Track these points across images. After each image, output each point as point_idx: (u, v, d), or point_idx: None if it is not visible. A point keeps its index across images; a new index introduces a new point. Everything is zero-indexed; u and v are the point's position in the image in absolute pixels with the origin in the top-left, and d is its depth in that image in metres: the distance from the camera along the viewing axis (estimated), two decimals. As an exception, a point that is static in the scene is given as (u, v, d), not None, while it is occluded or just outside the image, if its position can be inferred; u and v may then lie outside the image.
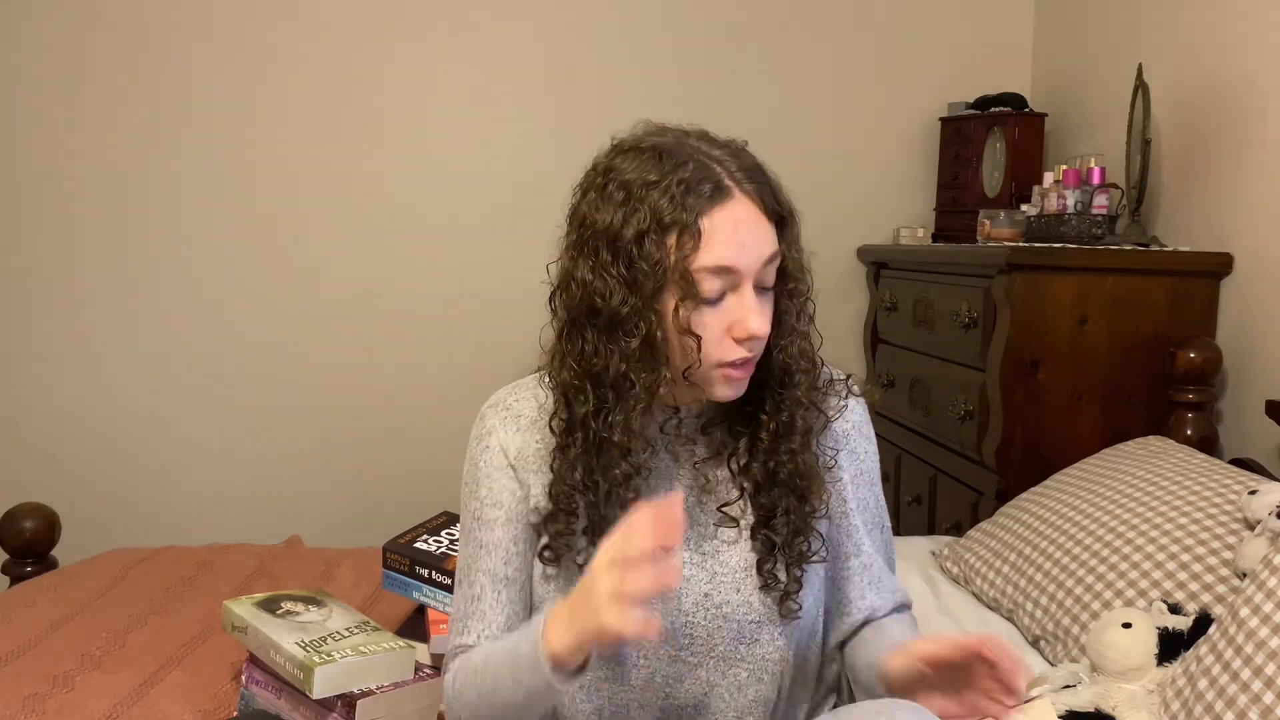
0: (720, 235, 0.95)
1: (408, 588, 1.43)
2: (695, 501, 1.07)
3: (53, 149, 2.71)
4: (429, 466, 2.90)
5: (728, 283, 0.96)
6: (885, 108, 2.94)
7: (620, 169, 0.99)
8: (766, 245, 0.98)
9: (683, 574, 1.03)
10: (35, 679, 1.41)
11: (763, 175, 1.00)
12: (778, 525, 1.04)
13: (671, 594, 1.03)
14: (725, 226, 0.95)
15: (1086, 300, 2.03)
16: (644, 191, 0.96)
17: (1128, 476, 1.69)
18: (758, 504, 1.05)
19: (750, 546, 1.05)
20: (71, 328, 2.76)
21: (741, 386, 1.01)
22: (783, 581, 1.04)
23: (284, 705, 1.25)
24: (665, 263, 0.95)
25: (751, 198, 0.97)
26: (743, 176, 0.97)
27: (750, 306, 0.97)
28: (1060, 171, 2.26)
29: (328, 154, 2.80)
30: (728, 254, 0.95)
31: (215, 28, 2.73)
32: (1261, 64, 1.98)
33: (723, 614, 1.04)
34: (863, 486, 1.13)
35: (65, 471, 2.75)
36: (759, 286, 0.99)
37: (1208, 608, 1.37)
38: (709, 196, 0.95)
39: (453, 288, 2.86)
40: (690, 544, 1.05)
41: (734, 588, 1.04)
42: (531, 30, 2.84)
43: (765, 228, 0.98)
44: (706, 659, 1.04)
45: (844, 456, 1.11)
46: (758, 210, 0.97)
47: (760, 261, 0.97)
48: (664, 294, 0.97)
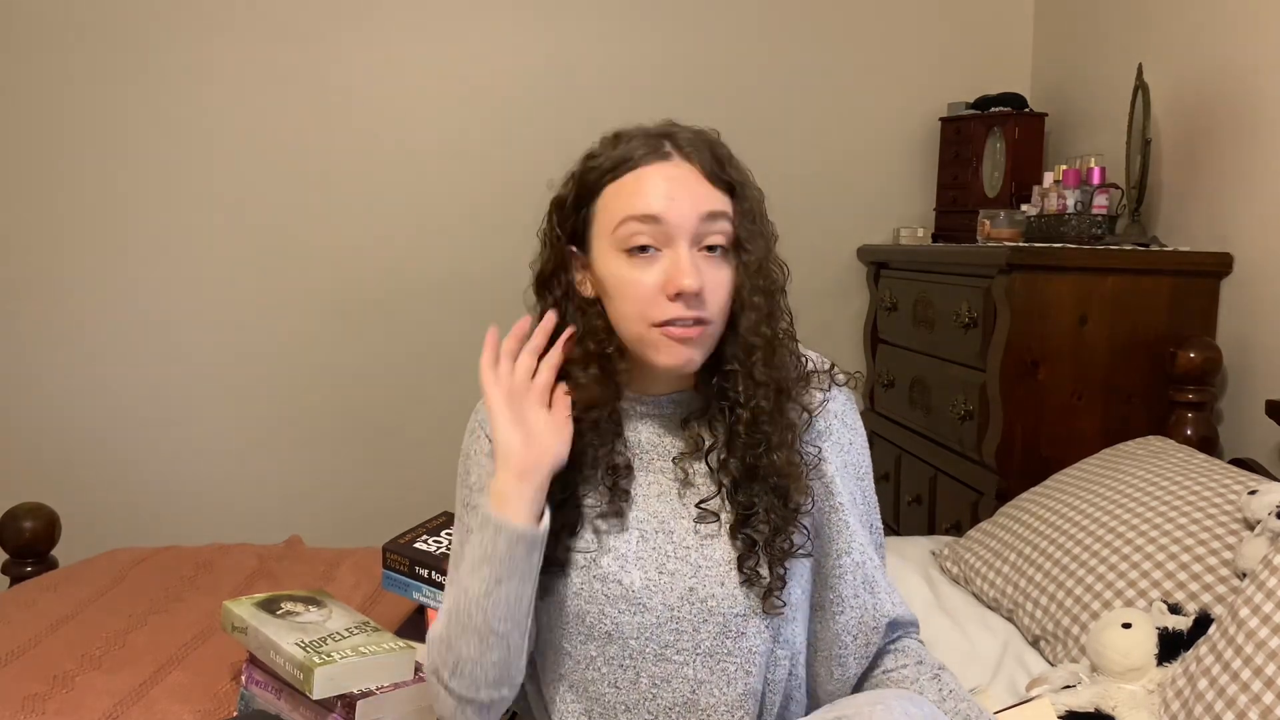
0: (649, 186, 0.99)
1: (407, 588, 1.43)
2: (677, 497, 1.07)
3: (51, 149, 2.72)
4: (429, 467, 2.90)
5: (658, 235, 0.98)
6: (885, 108, 2.94)
7: (585, 155, 1.06)
8: (702, 202, 0.99)
9: (668, 569, 1.04)
10: (35, 679, 1.41)
11: (710, 146, 1.02)
12: (757, 522, 1.03)
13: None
14: (655, 180, 0.99)
15: (1086, 300, 2.03)
16: (584, 163, 1.05)
17: (1128, 476, 1.69)
18: (736, 501, 1.04)
19: (731, 543, 1.04)
20: (72, 328, 2.76)
21: (686, 354, 1.00)
22: (765, 578, 1.03)
23: (284, 706, 1.25)
24: (590, 222, 1.02)
25: (691, 160, 1.00)
26: (685, 144, 1.01)
27: (683, 260, 0.98)
28: (1060, 171, 2.26)
29: (328, 155, 2.80)
30: (655, 204, 0.98)
31: (215, 26, 2.73)
32: (1262, 64, 1.98)
33: (708, 608, 1.03)
34: (850, 480, 1.10)
35: (65, 471, 2.75)
36: (702, 247, 1.00)
37: (1208, 608, 1.37)
38: (643, 156, 1.00)
39: (453, 288, 2.86)
40: (674, 538, 1.05)
41: (718, 581, 1.03)
42: (531, 31, 2.84)
43: (704, 187, 1.00)
44: (693, 656, 1.04)
45: (829, 448, 1.09)
46: (696, 172, 1.00)
47: (694, 216, 0.98)
48: (597, 254, 1.02)
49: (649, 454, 1.08)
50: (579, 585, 1.05)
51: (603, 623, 1.04)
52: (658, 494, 1.07)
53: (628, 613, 1.04)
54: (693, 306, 0.98)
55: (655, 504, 1.07)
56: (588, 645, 1.05)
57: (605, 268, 1.02)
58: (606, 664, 1.05)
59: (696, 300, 0.98)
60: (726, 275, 1.01)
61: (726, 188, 1.02)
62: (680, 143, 1.01)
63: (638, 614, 1.03)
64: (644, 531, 1.05)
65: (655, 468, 1.08)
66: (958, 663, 1.53)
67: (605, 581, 1.04)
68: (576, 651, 1.06)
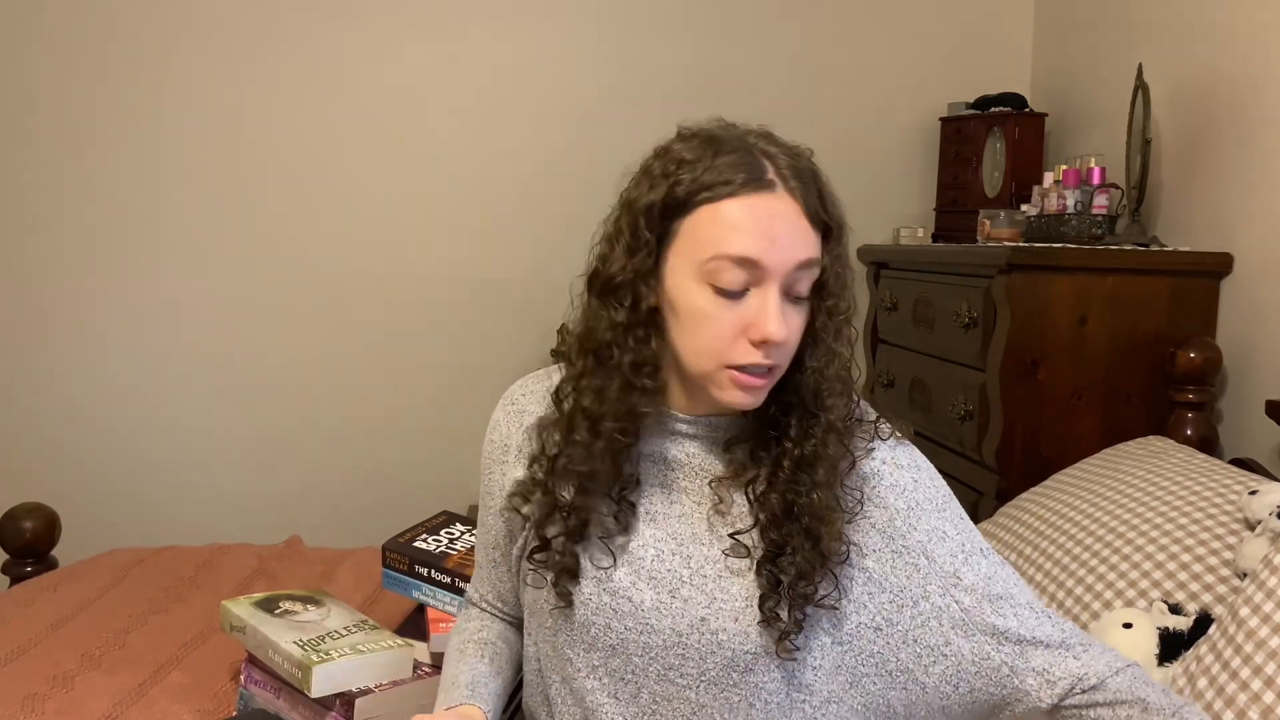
0: (750, 225, 0.91)
1: (407, 587, 1.43)
2: (705, 523, 1.01)
3: (52, 149, 2.72)
4: (429, 466, 2.91)
5: (751, 277, 0.91)
6: (885, 108, 2.94)
7: (670, 150, 0.97)
8: (802, 248, 0.92)
9: (681, 594, 0.99)
10: (35, 679, 1.41)
11: (814, 180, 0.95)
12: (784, 563, 0.96)
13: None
14: (757, 217, 0.91)
15: (1086, 300, 2.03)
16: (676, 169, 0.94)
17: (1128, 476, 1.69)
18: (768, 537, 0.98)
19: (755, 580, 0.98)
20: (72, 328, 2.77)
21: (754, 397, 0.95)
22: (783, 621, 0.96)
23: (283, 704, 1.25)
24: (674, 238, 0.94)
25: (795, 196, 0.92)
26: (790, 174, 0.93)
27: (772, 308, 0.91)
28: (1060, 171, 2.26)
29: (326, 155, 2.80)
30: (753, 246, 0.90)
31: (223, 28, 2.73)
32: (1261, 64, 1.98)
33: (717, 640, 0.98)
34: (914, 523, 1.00)
35: (65, 471, 2.75)
36: (790, 294, 0.94)
37: (1208, 608, 1.37)
38: (744, 184, 0.91)
39: (454, 288, 2.87)
40: (692, 563, 0.99)
41: (732, 616, 0.98)
42: (529, 30, 2.84)
43: (804, 230, 0.93)
44: (697, 681, 0.99)
45: (871, 498, 1.00)
46: (798, 210, 0.92)
47: (791, 264, 0.92)
48: (674, 272, 0.94)
49: (679, 472, 1.03)
50: (588, 594, 1.02)
51: (608, 636, 1.01)
52: (680, 514, 1.02)
53: (634, 630, 1.00)
54: (772, 356, 0.93)
55: (677, 524, 1.02)
56: (590, 654, 1.03)
57: (683, 293, 0.94)
58: (609, 675, 1.02)
59: (778, 350, 0.93)
60: (803, 320, 0.96)
61: (823, 229, 0.95)
62: (784, 172, 0.93)
63: (644, 634, 1.00)
64: (661, 552, 1.01)
65: (682, 487, 1.03)
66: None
67: (615, 595, 1.01)
68: (579, 659, 1.04)
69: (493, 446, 1.13)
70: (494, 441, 1.13)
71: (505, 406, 1.13)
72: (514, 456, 1.10)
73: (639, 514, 1.02)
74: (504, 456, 1.11)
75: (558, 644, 1.06)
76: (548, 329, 2.81)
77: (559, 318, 2.80)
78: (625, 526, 1.02)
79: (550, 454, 1.02)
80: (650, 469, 1.04)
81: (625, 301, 0.96)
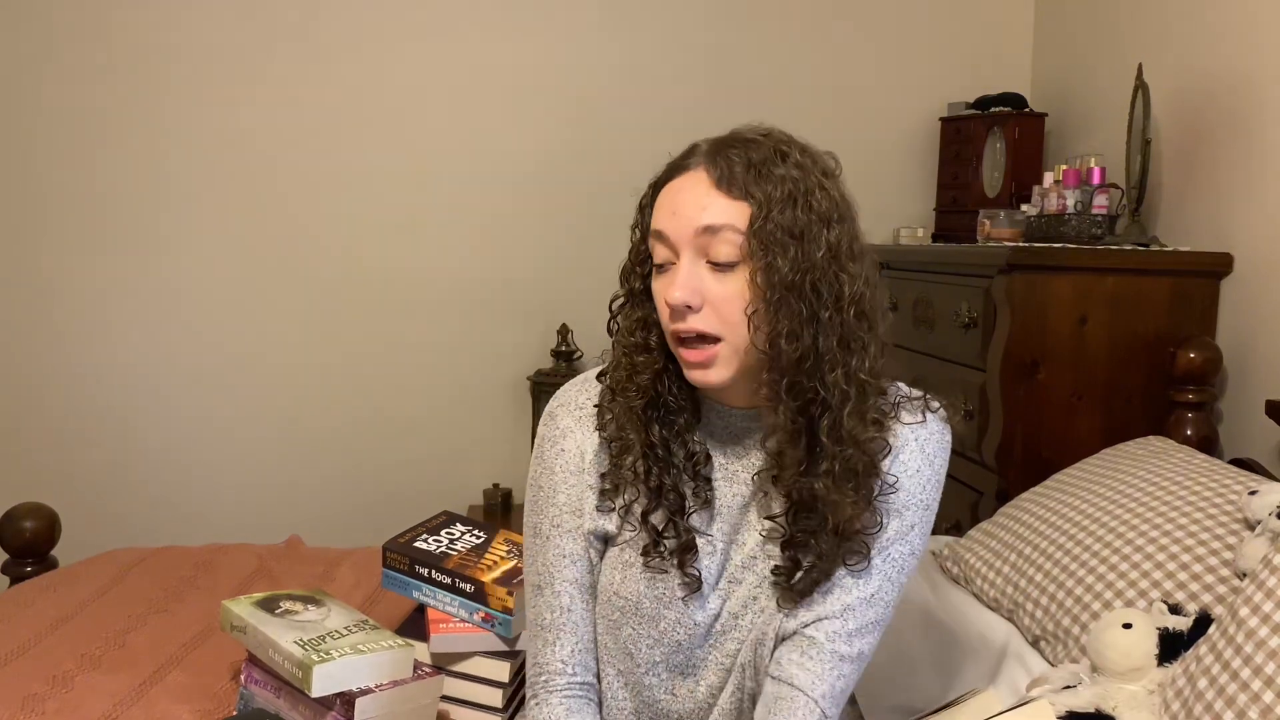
0: (664, 202, 0.99)
1: (407, 587, 1.43)
2: (754, 509, 1.05)
3: (51, 149, 2.72)
4: (429, 466, 2.91)
5: (669, 252, 0.98)
6: (885, 108, 2.94)
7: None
8: (700, 215, 0.95)
9: (736, 578, 1.04)
10: (35, 679, 1.41)
11: (735, 152, 0.96)
12: (805, 549, 1.00)
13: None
14: (667, 195, 0.99)
15: (1086, 300, 2.03)
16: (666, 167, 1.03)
17: (1128, 476, 1.69)
18: (795, 524, 1.00)
19: (782, 555, 1.02)
20: (72, 329, 2.77)
21: (701, 376, 0.98)
22: (792, 587, 1.01)
23: (283, 704, 1.25)
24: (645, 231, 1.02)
25: (705, 168, 0.97)
26: (708, 149, 0.99)
27: (680, 275, 0.96)
28: (1060, 171, 2.26)
29: (326, 156, 2.81)
30: (662, 220, 0.98)
31: (229, 30, 2.73)
32: (1261, 64, 1.98)
33: (764, 618, 1.02)
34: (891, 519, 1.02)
35: (65, 471, 2.75)
36: (709, 260, 0.96)
37: (1208, 608, 1.37)
38: (671, 170, 1.00)
39: (455, 289, 2.87)
40: (745, 549, 1.04)
41: (770, 595, 1.03)
42: (528, 33, 2.84)
43: (709, 199, 0.96)
44: (709, 669, 1.06)
45: (899, 470, 1.03)
46: (706, 182, 0.97)
47: (690, 230, 0.96)
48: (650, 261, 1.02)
49: (731, 466, 1.06)
50: (661, 590, 1.03)
51: (677, 631, 1.04)
52: (741, 505, 1.05)
53: (703, 624, 1.04)
54: (690, 320, 0.96)
55: (737, 515, 1.05)
56: (654, 650, 1.05)
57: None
58: (669, 672, 1.05)
59: (698, 316, 0.96)
60: (735, 288, 0.96)
61: (743, 198, 0.95)
62: (703, 151, 0.99)
63: (708, 623, 1.04)
64: (715, 545, 1.05)
65: (740, 479, 1.05)
66: (958, 663, 1.53)
67: (679, 585, 1.03)
68: (640, 654, 1.05)
69: (567, 456, 1.06)
70: (567, 451, 1.06)
71: (571, 412, 1.08)
72: (592, 459, 1.06)
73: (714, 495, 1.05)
74: (579, 465, 1.06)
75: (619, 637, 1.06)
76: (549, 329, 2.81)
77: (560, 318, 2.81)
78: (706, 501, 1.04)
79: (619, 439, 1.04)
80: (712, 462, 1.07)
81: (635, 282, 1.05)
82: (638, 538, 1.03)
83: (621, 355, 1.05)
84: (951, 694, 1.41)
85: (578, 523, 1.05)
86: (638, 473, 1.02)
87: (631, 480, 1.02)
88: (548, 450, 1.07)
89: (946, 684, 1.47)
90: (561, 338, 2.80)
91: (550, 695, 1.05)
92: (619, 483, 1.03)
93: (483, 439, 2.91)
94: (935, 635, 1.58)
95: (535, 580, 1.07)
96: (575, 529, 1.06)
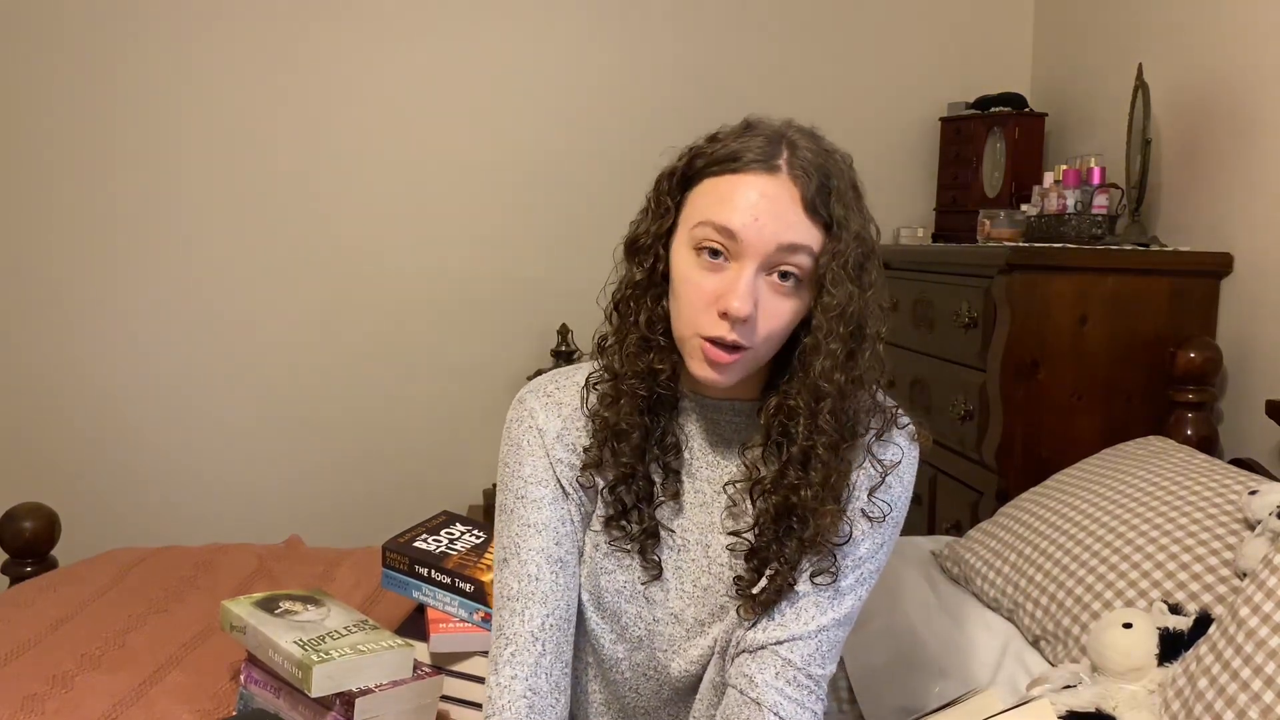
0: (739, 199, 0.92)
1: (407, 587, 1.43)
2: (725, 510, 1.04)
3: (51, 150, 2.72)
4: (429, 466, 2.91)
5: (731, 249, 0.93)
6: (885, 108, 2.94)
7: (717, 131, 1.00)
8: (786, 232, 0.92)
9: (701, 584, 1.04)
10: (35, 679, 1.41)
11: (826, 173, 0.95)
12: (772, 557, 0.99)
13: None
14: (749, 193, 0.92)
15: (1086, 300, 2.03)
16: (705, 144, 0.98)
17: (1128, 476, 1.69)
18: (764, 532, 1.00)
19: (745, 566, 1.02)
20: (72, 329, 2.77)
21: (714, 375, 0.95)
22: (755, 594, 1.00)
23: (283, 704, 1.25)
24: (683, 207, 0.97)
25: (796, 182, 0.93)
26: (800, 160, 0.94)
27: (742, 284, 0.92)
28: (1060, 171, 2.26)
29: (327, 155, 2.81)
30: (736, 218, 0.92)
31: (232, 32, 2.73)
32: (1261, 64, 1.98)
33: (733, 621, 1.03)
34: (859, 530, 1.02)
35: (65, 471, 2.75)
36: (772, 273, 0.93)
37: (1208, 608, 1.37)
38: (749, 162, 0.93)
39: (454, 288, 2.87)
40: (710, 552, 1.04)
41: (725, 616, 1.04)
42: (527, 33, 2.84)
43: (795, 216, 0.93)
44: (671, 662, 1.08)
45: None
46: (795, 196, 0.93)
47: (771, 244, 0.92)
48: (677, 238, 0.97)
49: (705, 473, 1.05)
50: (622, 583, 1.05)
51: (637, 626, 1.06)
52: (701, 504, 1.05)
53: (663, 621, 1.05)
54: (736, 331, 0.93)
55: (699, 514, 1.05)
56: (617, 646, 1.08)
57: (677, 258, 0.97)
58: (631, 670, 1.08)
59: (743, 327, 0.93)
60: (789, 307, 0.95)
61: (823, 224, 0.94)
62: (796, 159, 0.94)
63: (669, 625, 1.05)
64: (686, 543, 1.05)
65: (704, 477, 1.05)
66: (958, 663, 1.53)
67: (647, 585, 1.05)
68: (604, 650, 1.08)
69: (531, 434, 1.06)
70: (532, 429, 1.06)
71: (539, 397, 1.08)
72: (554, 439, 1.06)
73: (682, 490, 1.05)
74: (541, 440, 1.06)
75: (586, 629, 1.08)
76: (549, 328, 2.81)
77: (560, 317, 2.81)
78: (674, 493, 1.04)
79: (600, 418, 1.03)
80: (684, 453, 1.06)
81: (646, 263, 1.00)
82: (606, 521, 1.05)
83: (635, 341, 1.00)
84: (951, 694, 1.41)
85: (543, 493, 1.04)
86: (617, 453, 1.02)
87: (611, 462, 1.02)
88: (514, 429, 1.08)
89: (946, 684, 1.47)
90: (561, 338, 2.80)
91: (514, 683, 1.00)
92: (599, 461, 1.03)
93: (483, 439, 2.91)
94: (935, 635, 1.58)
95: (502, 555, 1.06)
96: (540, 499, 1.04)
